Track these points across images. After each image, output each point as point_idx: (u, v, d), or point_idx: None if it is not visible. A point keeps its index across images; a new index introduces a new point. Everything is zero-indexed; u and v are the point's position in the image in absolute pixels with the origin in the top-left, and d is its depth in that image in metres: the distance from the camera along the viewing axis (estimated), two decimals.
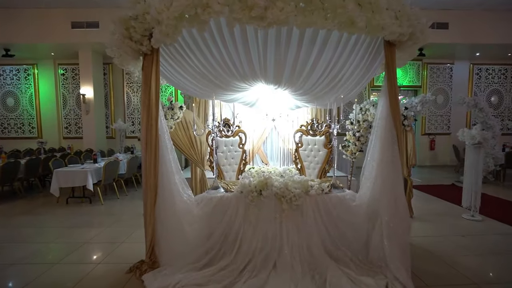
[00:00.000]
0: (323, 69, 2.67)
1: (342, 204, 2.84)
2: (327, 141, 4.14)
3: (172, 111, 4.24)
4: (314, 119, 3.09)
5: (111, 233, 3.69)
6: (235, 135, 4.18)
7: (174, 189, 2.64)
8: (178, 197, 2.67)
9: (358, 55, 2.60)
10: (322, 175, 4.18)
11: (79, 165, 5.34)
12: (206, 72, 2.86)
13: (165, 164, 2.58)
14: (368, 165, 2.68)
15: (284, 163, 6.12)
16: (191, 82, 3.05)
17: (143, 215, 2.58)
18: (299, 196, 2.78)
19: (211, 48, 2.54)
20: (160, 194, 2.53)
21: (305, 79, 2.79)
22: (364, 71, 2.82)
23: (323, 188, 2.90)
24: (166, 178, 2.58)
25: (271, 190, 2.81)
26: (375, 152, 2.63)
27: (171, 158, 2.63)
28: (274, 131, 6.16)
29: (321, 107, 3.72)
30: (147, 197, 2.51)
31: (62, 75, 8.64)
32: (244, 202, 2.81)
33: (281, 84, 2.93)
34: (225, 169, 4.09)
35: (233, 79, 2.93)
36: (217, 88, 3.11)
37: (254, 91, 3.70)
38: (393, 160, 2.51)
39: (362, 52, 2.60)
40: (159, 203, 2.53)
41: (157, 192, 2.51)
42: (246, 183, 2.84)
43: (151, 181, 2.49)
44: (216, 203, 2.85)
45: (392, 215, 2.51)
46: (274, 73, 2.76)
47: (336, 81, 2.80)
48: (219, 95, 3.34)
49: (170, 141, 2.68)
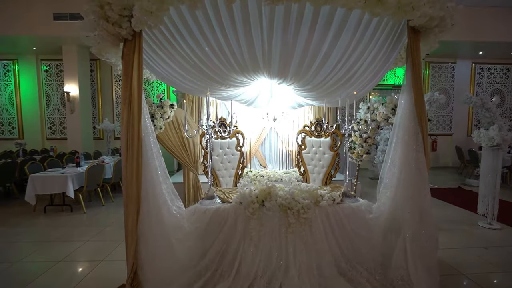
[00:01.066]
0: (338, 59, 2.29)
1: (357, 216, 2.47)
2: (333, 143, 3.78)
3: (162, 109, 3.82)
4: (323, 119, 2.70)
5: (92, 248, 3.25)
6: (232, 136, 3.78)
7: (161, 201, 2.22)
8: (166, 210, 2.26)
9: (378, 43, 2.23)
10: (328, 180, 3.81)
11: (59, 169, 4.86)
12: (200, 62, 2.45)
13: (150, 171, 2.16)
14: (388, 171, 2.32)
15: (284, 166, 5.74)
16: (181, 75, 2.64)
17: (124, 233, 2.16)
18: (308, 207, 2.39)
19: (205, 33, 2.14)
20: (143, 207, 2.11)
21: (316, 72, 2.41)
22: (382, 63, 2.45)
23: (334, 197, 2.53)
24: (151, 188, 2.16)
25: (275, 201, 2.42)
26: (396, 156, 2.27)
27: (158, 164, 2.22)
28: (273, 131, 5.78)
29: (330, 105, 3.33)
30: (128, 211, 2.09)
31: (45, 72, 8.09)
32: (244, 215, 2.42)
33: (286, 78, 2.54)
34: (220, 174, 3.69)
35: (231, 72, 2.53)
36: (213, 83, 2.71)
37: (255, 87, 3.30)
38: (419, 166, 2.16)
39: (382, 40, 2.23)
40: (143, 218, 2.11)
41: (140, 205, 2.09)
42: (246, 192, 2.44)
43: (132, 192, 2.07)
44: (211, 216, 2.45)
45: (417, 230, 2.15)
46: (279, 64, 2.37)
47: (350, 74, 2.43)
48: (214, 91, 2.93)
49: (156, 144, 2.26)
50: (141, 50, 2.07)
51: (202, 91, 2.83)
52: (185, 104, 2.61)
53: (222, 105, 5.76)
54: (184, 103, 2.62)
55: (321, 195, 2.49)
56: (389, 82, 8.26)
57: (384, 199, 2.32)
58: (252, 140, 5.70)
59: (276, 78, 2.60)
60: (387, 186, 2.31)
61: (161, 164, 2.26)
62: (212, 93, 2.95)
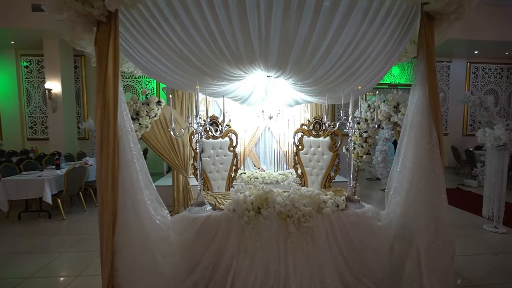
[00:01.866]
0: (344, 48, 2.05)
1: (363, 224, 2.23)
2: (332, 143, 3.54)
3: (148, 106, 3.51)
4: (324, 117, 2.45)
5: (68, 261, 2.91)
6: (225, 136, 3.50)
7: (142, 210, 1.93)
8: (148, 220, 1.96)
9: (388, 31, 2.00)
10: (327, 183, 3.57)
11: (36, 172, 4.47)
12: (187, 52, 2.17)
13: (129, 175, 1.86)
14: (398, 174, 2.08)
15: (279, 167, 5.50)
16: (166, 67, 2.35)
17: (100, 247, 1.85)
18: (310, 215, 2.14)
19: (193, 16, 1.86)
20: (121, 217, 1.82)
21: (318, 63, 2.16)
22: (390, 54, 2.23)
23: (338, 203, 2.28)
24: (130, 195, 1.86)
25: (272, 208, 2.16)
26: (407, 158, 2.03)
27: (138, 167, 1.92)
28: (267, 131, 5.53)
29: (332, 102, 3.09)
30: (103, 222, 1.79)
31: (25, 68, 7.61)
32: (238, 224, 2.15)
33: (285, 70, 2.29)
34: (212, 177, 3.40)
35: (223, 63, 2.26)
36: (203, 76, 2.43)
37: (249, 83, 3.04)
38: (434, 169, 1.93)
39: (393, 28, 2.00)
40: (120, 229, 1.82)
41: (116, 215, 1.79)
42: (240, 198, 2.17)
43: (108, 200, 1.77)
44: (200, 225, 2.17)
45: (432, 240, 1.92)
46: (278, 54, 2.11)
47: (357, 65, 2.19)
48: (205, 86, 2.65)
49: (136, 144, 1.96)
50: (117, 34, 1.77)
51: (191, 86, 2.55)
52: (170, 99, 2.31)
53: (214, 103, 5.48)
54: (169, 98, 2.31)
55: (323, 201, 2.24)
56: (385, 81, 8.12)
57: (394, 205, 2.09)
58: (245, 140, 5.43)
59: (274, 71, 2.33)
60: (397, 191, 2.08)
61: (142, 168, 1.97)
62: (202, 88, 2.66)
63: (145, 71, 2.60)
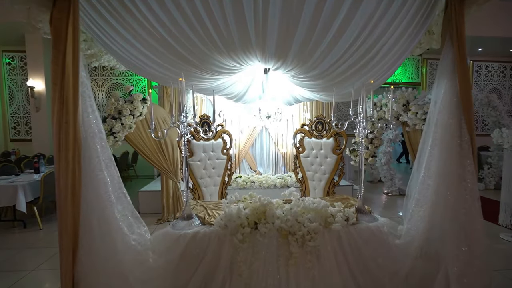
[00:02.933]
0: (355, 36, 1.72)
1: (378, 241, 1.90)
2: (336, 144, 3.21)
3: (132, 105, 3.15)
4: (332, 116, 2.11)
5: (35, 281, 2.54)
6: (217, 137, 3.15)
7: (112, 230, 1.58)
8: (120, 240, 1.61)
9: (409, 14, 1.67)
10: (331, 189, 3.25)
11: (11, 176, 4.08)
12: (170, 38, 1.83)
13: (96, 187, 1.52)
14: (421, 184, 1.75)
15: (277, 170, 5.17)
16: (146, 56, 2.01)
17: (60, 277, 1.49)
18: (316, 231, 1.81)
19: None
20: (84, 242, 1.47)
21: (325, 52, 1.83)
22: (409, 42, 1.91)
23: (348, 216, 1.95)
24: (97, 211, 1.52)
25: (271, 224, 1.82)
26: (432, 164, 1.71)
27: (108, 177, 1.56)
28: (264, 132, 5.20)
29: (339, 99, 2.76)
30: (62, 246, 1.44)
31: (8, 65, 7.18)
32: (231, 243, 1.81)
33: (286, 60, 1.95)
34: (203, 183, 3.05)
35: (213, 52, 1.92)
36: (189, 68, 2.08)
37: (244, 77, 2.69)
38: (464, 176, 1.61)
39: (414, 10, 1.67)
40: (83, 258, 1.47)
41: (78, 240, 1.44)
42: (233, 212, 1.83)
43: (67, 217, 1.41)
44: (186, 244, 1.82)
45: (465, 263, 1.60)
46: (277, 41, 1.77)
47: (370, 55, 1.87)
48: (192, 80, 2.30)
49: (106, 149, 1.62)
50: (77, 11, 1.42)
51: (176, 80, 2.19)
52: (151, 94, 1.96)
53: (207, 102, 5.13)
54: (149, 92, 1.96)
55: (332, 215, 1.90)
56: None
57: (415, 220, 1.76)
58: (241, 141, 5.10)
59: (272, 61, 1.99)
60: (419, 203, 1.75)
61: (113, 177, 1.62)
62: (189, 83, 2.32)
63: (123, 62, 2.25)
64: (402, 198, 5.43)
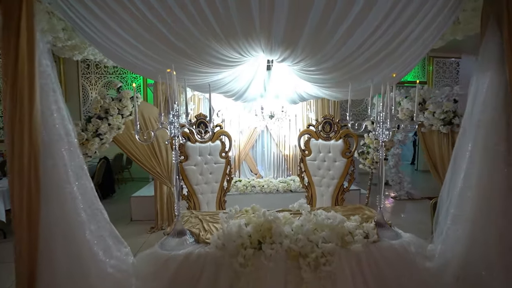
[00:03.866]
0: (378, 21, 1.43)
1: (404, 263, 1.61)
2: (346, 147, 2.92)
3: (120, 103, 2.85)
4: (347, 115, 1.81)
5: None
6: (215, 139, 2.85)
7: (85, 256, 1.28)
8: (94, 270, 1.31)
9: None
10: (340, 196, 2.96)
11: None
12: (159, 23, 1.54)
13: (60, 205, 1.22)
14: (458, 196, 1.46)
15: (279, 173, 4.87)
16: (131, 46, 1.72)
17: None
18: (331, 253, 1.51)
19: None
20: (44, 273, 1.16)
21: (343, 40, 1.54)
22: (440, 27, 1.61)
23: (368, 232, 1.66)
24: (62, 234, 1.22)
25: (279, 244, 1.52)
26: (473, 171, 1.42)
27: (77, 191, 1.27)
28: (266, 132, 4.90)
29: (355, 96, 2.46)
30: (18, 278, 1.13)
31: None
32: (230, 267, 1.51)
33: (295, 49, 1.65)
34: (199, 190, 2.75)
35: (210, 40, 1.62)
36: (182, 59, 1.78)
37: (245, 72, 2.40)
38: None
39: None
40: None
41: (35, 270, 1.14)
42: (233, 230, 1.53)
43: (22, 243, 1.11)
44: (177, 269, 1.53)
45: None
46: (286, 26, 1.47)
47: (395, 44, 1.58)
48: (186, 74, 2.00)
49: (76, 156, 1.32)
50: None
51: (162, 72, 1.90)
52: (134, 89, 1.67)
53: (205, 101, 4.83)
54: (134, 87, 1.67)
55: (350, 232, 1.61)
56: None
57: (452, 240, 1.47)
58: (241, 143, 4.80)
59: (279, 50, 1.70)
60: (457, 220, 1.46)
61: (86, 191, 1.33)
62: (183, 77, 2.02)
63: (106, 53, 1.94)
64: (411, 203, 5.17)
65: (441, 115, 2.88)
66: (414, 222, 4.06)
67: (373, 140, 3.51)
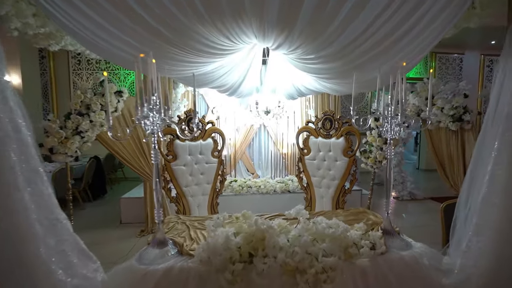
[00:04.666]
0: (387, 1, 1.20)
1: (417, 279, 1.40)
2: (347, 145, 2.71)
3: (103, 98, 2.63)
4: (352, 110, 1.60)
5: None
6: (207, 136, 2.64)
7: (38, 276, 1.07)
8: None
9: None
10: (341, 197, 2.76)
11: None
12: (134, 3, 1.32)
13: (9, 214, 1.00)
14: (482, 202, 1.26)
15: (277, 173, 4.66)
16: (104, 30, 1.50)
17: None
18: (333, 267, 1.31)
19: None
20: None
21: (346, 23, 1.32)
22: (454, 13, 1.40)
23: (374, 242, 1.46)
24: (9, 250, 1.00)
25: (273, 258, 1.31)
26: (500, 174, 1.21)
27: (29, 199, 1.05)
28: (263, 130, 4.69)
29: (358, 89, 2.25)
30: None
31: None
32: (216, 283, 1.31)
33: (291, 33, 1.44)
34: (189, 192, 2.54)
35: (193, 22, 1.41)
36: (161, 45, 1.57)
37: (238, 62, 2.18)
38: None
39: None
40: None
41: None
42: (220, 242, 1.33)
43: None
44: (156, 285, 1.32)
45: None
46: (280, 5, 1.26)
47: (405, 28, 1.37)
48: (168, 64, 1.78)
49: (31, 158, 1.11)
50: None
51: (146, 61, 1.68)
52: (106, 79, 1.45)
53: (200, 98, 4.61)
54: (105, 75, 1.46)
55: (354, 243, 1.40)
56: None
57: (475, 253, 1.26)
58: (237, 141, 4.59)
59: (273, 35, 1.48)
60: (481, 230, 1.25)
61: (41, 198, 1.11)
62: (165, 67, 1.80)
63: (79, 40, 1.72)
64: (414, 203, 4.96)
65: (450, 111, 2.68)
66: (419, 225, 3.87)
67: (376, 138, 3.30)
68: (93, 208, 4.60)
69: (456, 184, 2.85)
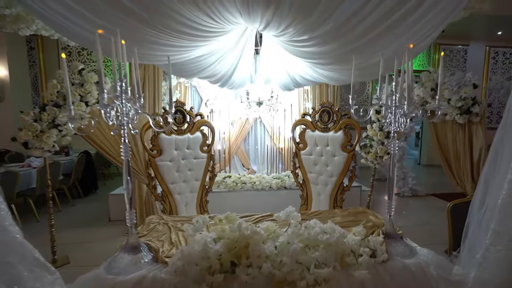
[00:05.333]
0: None
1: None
2: (346, 139, 2.53)
3: (83, 88, 2.43)
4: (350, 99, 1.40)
5: None
6: (195, 130, 2.45)
7: None
8: None
9: None
10: (339, 195, 2.58)
11: None
12: None
13: None
14: (502, 206, 1.07)
15: (273, 168, 4.48)
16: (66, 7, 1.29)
17: None
18: (327, 279, 1.13)
19: None
20: None
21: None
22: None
23: (374, 248, 1.28)
24: None
25: (257, 268, 1.14)
26: None
27: None
28: (259, 124, 4.50)
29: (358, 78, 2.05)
30: None
31: None
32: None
33: (280, 7, 1.23)
34: (176, 189, 2.37)
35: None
36: (133, 24, 1.37)
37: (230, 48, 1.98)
38: None
39: None
40: None
41: None
42: (196, 250, 1.15)
43: None
44: None
45: None
46: None
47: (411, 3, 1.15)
48: (145, 47, 1.59)
49: None
50: None
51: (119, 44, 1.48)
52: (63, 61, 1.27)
53: (192, 90, 4.41)
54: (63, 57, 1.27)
55: (352, 251, 1.22)
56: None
57: (492, 263, 1.09)
58: (232, 135, 4.40)
59: (259, 12, 1.28)
60: (500, 237, 1.07)
61: None
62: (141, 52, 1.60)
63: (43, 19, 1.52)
64: (415, 200, 4.78)
65: (457, 102, 2.49)
66: (421, 224, 3.71)
67: (377, 131, 3.11)
68: (83, 204, 4.44)
69: (462, 181, 2.67)
